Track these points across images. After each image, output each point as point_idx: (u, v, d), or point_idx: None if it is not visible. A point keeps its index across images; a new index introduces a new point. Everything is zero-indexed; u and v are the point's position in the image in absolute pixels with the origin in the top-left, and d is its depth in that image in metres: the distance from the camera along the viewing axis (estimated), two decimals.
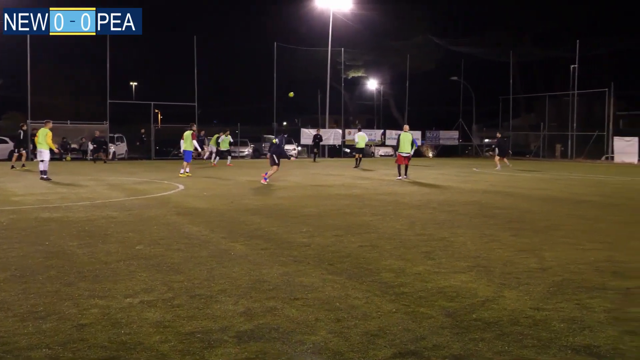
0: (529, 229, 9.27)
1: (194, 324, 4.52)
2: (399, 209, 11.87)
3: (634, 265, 6.67)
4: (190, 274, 6.12)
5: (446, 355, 3.93)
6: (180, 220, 10.00)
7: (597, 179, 21.98)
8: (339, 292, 5.46)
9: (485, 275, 6.16)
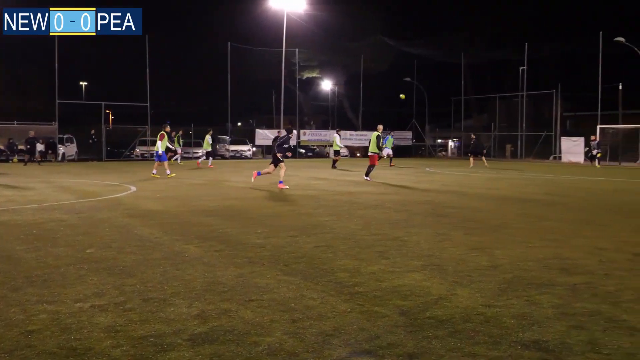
0: (481, 228, 9.46)
1: (146, 328, 4.45)
2: (354, 209, 11.95)
3: (580, 261, 6.88)
4: (143, 277, 6.02)
5: (400, 354, 3.98)
6: (132, 223, 9.82)
7: (545, 178, 22.57)
8: (294, 292, 5.46)
9: (439, 273, 6.26)
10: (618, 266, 6.64)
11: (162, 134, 22.01)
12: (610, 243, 8.11)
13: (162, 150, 21.64)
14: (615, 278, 6.08)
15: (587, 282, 5.88)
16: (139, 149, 40.87)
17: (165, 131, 22.30)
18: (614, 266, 6.64)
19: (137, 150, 40.88)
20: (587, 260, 6.96)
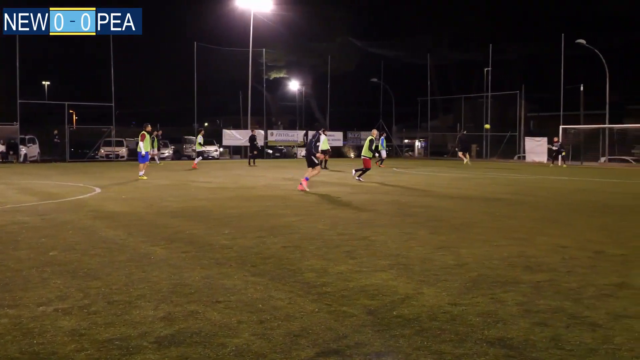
0: (446, 227, 9.57)
1: (111, 331, 4.39)
2: (322, 209, 11.96)
3: (543, 259, 7.01)
4: (108, 280, 5.93)
5: (367, 353, 4.00)
6: (97, 225, 9.67)
7: (509, 177, 22.93)
8: (262, 293, 5.44)
9: (405, 272, 6.31)
10: (580, 264, 6.79)
11: (142, 134, 21.28)
12: (572, 241, 8.28)
13: (145, 151, 21.00)
14: (577, 275, 6.21)
15: (550, 280, 5.99)
16: (103, 150, 40.29)
17: (147, 131, 21.59)
18: (576, 264, 6.78)
19: (102, 151, 40.28)
20: (550, 258, 7.09)
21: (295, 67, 55.61)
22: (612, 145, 39.05)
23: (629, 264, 6.81)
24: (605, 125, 39.42)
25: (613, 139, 39.14)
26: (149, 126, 22.14)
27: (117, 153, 40.02)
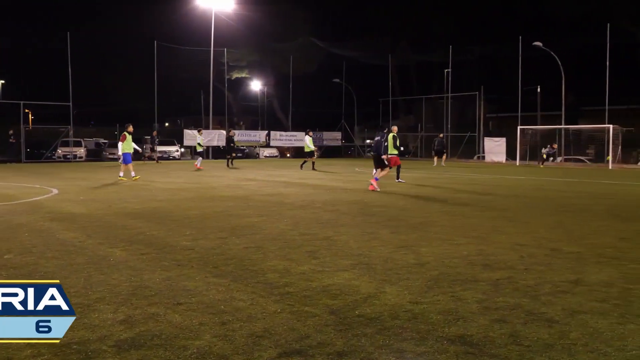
0: (407, 226, 9.66)
1: (69, 335, 4.30)
2: (284, 209, 11.95)
3: (501, 257, 7.14)
4: (66, 283, 5.81)
5: (330, 352, 4.01)
6: (54, 227, 9.47)
7: (468, 177, 23.29)
8: (224, 294, 5.41)
9: (367, 272, 6.34)
10: (537, 261, 6.93)
11: (123, 135, 20.50)
12: (529, 239, 8.45)
13: (127, 152, 20.28)
14: (534, 272, 6.34)
15: (509, 277, 6.11)
16: (61, 150, 39.44)
17: (128, 131, 20.79)
18: (533, 261, 6.92)
19: (59, 152, 39.44)
20: (508, 256, 7.23)
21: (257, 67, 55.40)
22: (568, 146, 40.04)
23: (583, 261, 6.99)
24: (561, 126, 40.38)
25: (569, 139, 40.13)
26: (131, 127, 21.33)
27: (75, 153, 39.24)
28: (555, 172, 28.20)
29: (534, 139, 41.44)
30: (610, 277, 6.14)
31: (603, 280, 6.03)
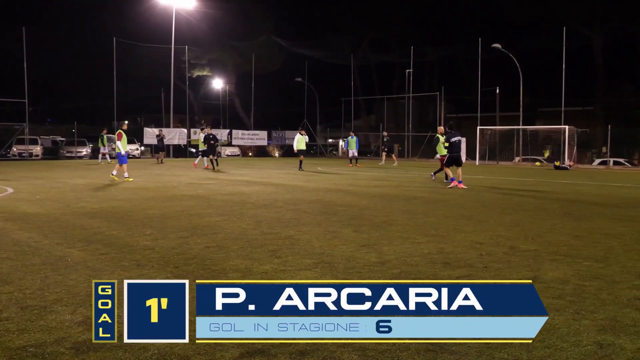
0: (368, 225, 9.72)
1: (25, 338, 4.20)
2: (245, 208, 11.90)
3: (460, 255, 7.25)
4: (21, 284, 5.67)
5: (292, 352, 4.01)
6: (8, 227, 9.23)
7: (428, 176, 23.53)
8: None
9: (330, 271, 6.37)
10: (495, 259, 7.06)
11: (119, 133, 19.69)
12: (487, 237, 8.60)
13: (124, 151, 19.53)
14: (492, 270, 6.46)
15: (468, 275, 6.21)
16: (16, 148, 38.47)
17: (123, 129, 19.98)
18: (491, 259, 7.05)
19: (14, 149, 38.46)
20: (467, 254, 7.35)
21: (219, 65, 54.99)
22: (525, 146, 40.87)
23: (540, 258, 7.14)
24: (519, 126, 41.19)
25: (526, 140, 40.98)
26: (126, 124, 20.54)
27: (30, 151, 38.33)
28: (512, 172, 28.75)
29: (493, 139, 42.17)
30: (565, 275, 6.29)
31: (558, 277, 6.18)
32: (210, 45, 50.87)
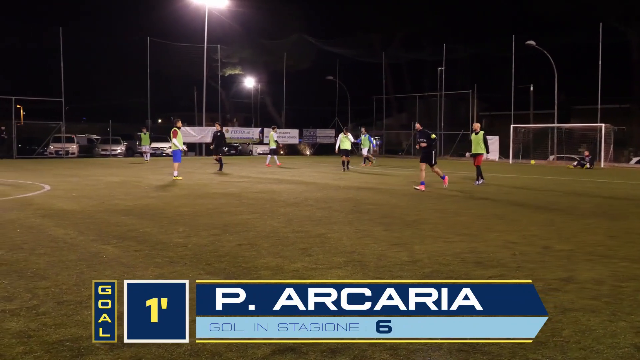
0: (399, 224, 9.68)
1: (61, 332, 4.29)
2: (276, 206, 11.94)
3: (492, 255, 7.16)
4: (57, 279, 5.79)
5: (324, 350, 4.01)
6: (45, 223, 9.43)
7: (460, 175, 23.32)
8: None
9: (361, 269, 6.35)
10: (528, 259, 6.96)
11: (175, 130, 19.74)
12: (520, 237, 8.49)
13: (181, 147, 19.70)
14: (526, 270, 6.37)
15: (501, 275, 6.13)
16: (53, 146, 39.27)
17: (177, 127, 20.02)
18: (524, 259, 6.95)
19: (51, 148, 39.27)
20: (500, 253, 7.26)
21: (250, 64, 55.28)
22: (560, 144, 40.18)
23: (574, 258, 7.02)
24: (553, 124, 40.52)
25: (561, 138, 40.28)
26: (180, 122, 20.51)
27: (67, 149, 39.08)
28: (546, 171, 28.31)
29: (526, 138, 41.57)
30: (601, 275, 6.17)
31: (594, 277, 6.06)
32: (242, 44, 51.18)
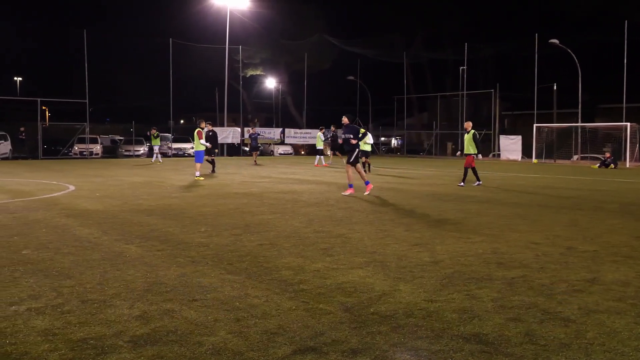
0: (421, 224, 9.63)
1: (85, 330, 4.34)
2: (297, 206, 11.96)
3: (515, 256, 7.09)
4: (82, 278, 5.86)
5: (344, 350, 4.01)
6: (70, 223, 9.55)
7: (483, 175, 23.15)
8: (238, 291, 5.42)
9: (382, 269, 6.33)
10: (552, 260, 6.88)
11: (199, 131, 19.70)
12: (543, 237, 8.39)
13: (201, 150, 19.76)
14: (549, 271, 6.30)
15: (524, 276, 6.07)
16: (77, 147, 39.79)
17: (201, 127, 20.04)
18: (547, 260, 6.87)
19: (76, 148, 39.79)
20: (522, 254, 7.18)
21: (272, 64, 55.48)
22: (584, 144, 39.67)
23: (599, 259, 6.93)
24: (577, 124, 40.01)
25: (585, 137, 39.76)
26: (204, 123, 20.64)
27: (91, 150, 39.57)
28: (569, 171, 27.97)
29: (550, 137, 41.12)
30: (627, 276, 6.08)
31: (619, 279, 5.97)
32: (263, 45, 51.37)
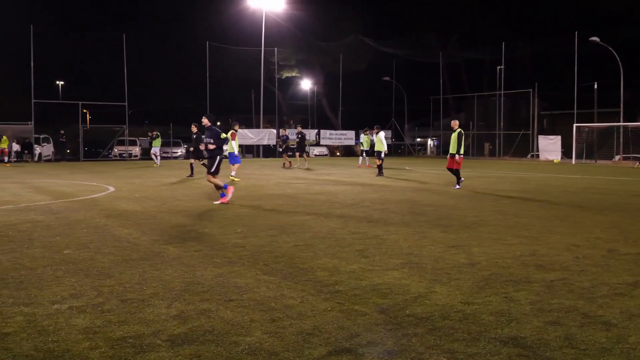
0: (457, 226, 9.53)
1: (125, 329, 4.42)
2: (333, 208, 11.96)
3: (554, 258, 6.97)
4: (121, 278, 5.97)
5: (380, 352, 3.99)
6: (109, 223, 9.74)
7: (520, 176, 22.81)
8: (274, 292, 5.45)
9: (418, 271, 6.29)
10: (592, 262, 6.74)
11: (233, 133, 19.67)
12: (583, 240, 8.22)
13: (237, 151, 19.83)
14: (590, 274, 6.17)
15: (563, 279, 5.96)
16: (117, 149, 40.57)
17: (235, 129, 20.04)
18: (588, 262, 6.73)
19: (115, 150, 40.58)
20: (562, 256, 7.05)
21: (307, 66, 55.62)
22: (626, 144, 38.72)
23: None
24: (619, 123, 39.08)
25: (627, 137, 38.81)
26: (237, 125, 20.53)
27: (130, 152, 40.31)
28: (610, 171, 27.34)
29: (590, 137, 40.27)
30: None
31: None
32: (298, 47, 51.56)
